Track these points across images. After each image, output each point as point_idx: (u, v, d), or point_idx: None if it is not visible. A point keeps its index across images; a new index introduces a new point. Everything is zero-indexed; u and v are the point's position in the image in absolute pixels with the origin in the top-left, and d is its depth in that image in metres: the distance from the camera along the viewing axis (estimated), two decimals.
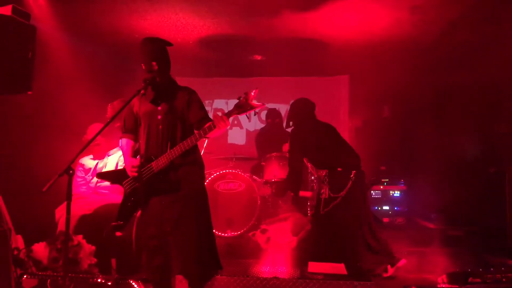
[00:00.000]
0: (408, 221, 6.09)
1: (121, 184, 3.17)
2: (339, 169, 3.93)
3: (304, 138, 4.24)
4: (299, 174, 4.32)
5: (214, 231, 3.34)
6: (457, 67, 6.17)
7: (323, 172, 4.10)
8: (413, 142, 6.61)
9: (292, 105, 4.62)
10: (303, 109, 4.50)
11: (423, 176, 5.99)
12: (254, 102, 2.79)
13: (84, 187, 4.55)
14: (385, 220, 6.20)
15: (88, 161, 4.65)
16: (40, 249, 3.62)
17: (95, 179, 4.48)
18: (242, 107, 2.79)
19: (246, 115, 2.83)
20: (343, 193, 3.87)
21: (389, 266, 3.83)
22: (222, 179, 5.51)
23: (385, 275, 3.83)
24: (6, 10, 3.37)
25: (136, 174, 3.02)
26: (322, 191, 3.99)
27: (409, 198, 6.32)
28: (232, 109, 2.83)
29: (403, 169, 6.50)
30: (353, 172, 3.92)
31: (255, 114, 2.83)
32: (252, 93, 2.79)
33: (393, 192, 6.38)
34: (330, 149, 4.13)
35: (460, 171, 5.77)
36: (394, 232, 5.49)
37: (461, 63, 6.08)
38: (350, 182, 3.88)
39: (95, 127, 4.52)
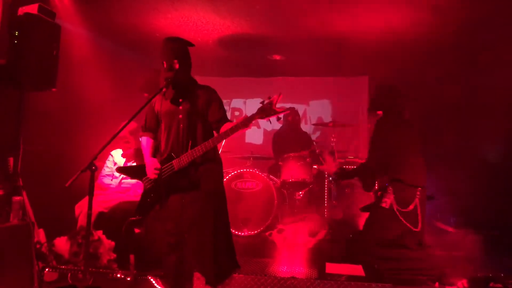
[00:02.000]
0: (427, 224, 5.98)
1: (140, 179, 3.21)
2: (403, 183, 3.65)
3: (391, 135, 3.80)
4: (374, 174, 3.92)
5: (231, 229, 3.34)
6: (479, 68, 6.04)
7: (385, 181, 3.79)
8: (433, 144, 6.50)
9: (383, 89, 3.99)
10: (398, 99, 3.92)
11: (443, 179, 5.88)
12: (278, 107, 2.78)
13: (110, 177, 4.64)
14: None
15: (118, 156, 4.73)
16: (62, 243, 3.69)
17: (118, 179, 4.56)
18: (265, 112, 2.78)
19: (269, 120, 2.82)
20: (410, 208, 3.63)
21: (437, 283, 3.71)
22: (239, 178, 5.52)
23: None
24: (33, 8, 3.44)
25: (156, 176, 3.06)
26: (384, 199, 3.70)
27: (428, 201, 6.21)
28: (256, 113, 2.82)
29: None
30: (419, 189, 3.68)
31: (278, 120, 2.82)
32: (277, 98, 2.78)
33: None
34: (405, 157, 3.76)
35: (482, 175, 5.64)
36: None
37: (483, 64, 5.96)
38: (417, 200, 3.65)
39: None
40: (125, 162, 4.65)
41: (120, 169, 3.50)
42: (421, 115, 6.96)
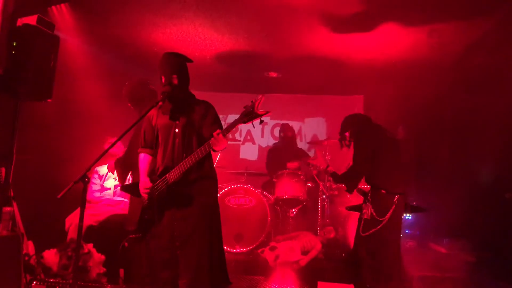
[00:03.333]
0: (419, 245, 5.97)
1: (140, 197, 3.19)
2: (383, 191, 3.71)
3: (369, 146, 3.94)
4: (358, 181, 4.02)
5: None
6: (475, 90, 6.12)
7: (366, 189, 3.91)
8: (427, 164, 6.53)
9: (347, 118, 4.20)
10: (361, 120, 4.15)
11: (436, 199, 5.89)
12: (260, 110, 2.78)
13: (99, 193, 4.62)
14: None
15: (103, 169, 4.73)
16: (51, 256, 3.63)
17: (111, 190, 4.54)
18: (248, 116, 2.80)
19: (252, 124, 2.82)
20: (387, 216, 3.64)
21: None
22: (233, 194, 5.50)
23: None
24: (32, 20, 3.45)
25: (146, 196, 3.06)
26: (364, 210, 3.78)
27: (422, 221, 6.21)
28: (238, 117, 2.84)
29: (416, 192, 6.41)
30: (397, 196, 3.71)
31: (260, 123, 2.82)
32: (259, 101, 2.78)
33: (404, 215, 6.28)
34: (383, 165, 3.86)
35: (475, 196, 5.65)
36: (405, 256, 5.38)
37: (479, 86, 6.04)
38: (394, 206, 3.67)
39: (109, 139, 4.63)
40: (107, 174, 4.65)
41: (123, 188, 3.49)
42: (415, 134, 7.02)
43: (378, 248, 3.70)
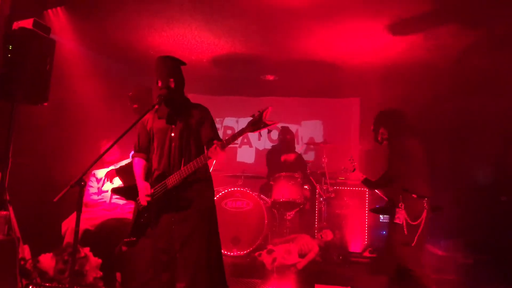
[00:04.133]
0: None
1: (134, 200, 3.18)
2: (414, 195, 3.65)
3: (405, 147, 3.84)
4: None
5: None
6: (472, 93, 6.15)
7: (398, 195, 3.77)
8: None
9: (384, 113, 4.10)
10: (399, 117, 4.04)
11: (433, 202, 5.91)
12: (268, 120, 2.78)
13: (96, 196, 4.60)
14: None
15: (101, 172, 4.70)
16: (47, 260, 3.61)
17: (109, 193, 4.52)
18: (256, 125, 2.78)
19: (260, 133, 2.83)
20: (421, 222, 3.61)
21: None
22: (230, 197, 5.50)
23: None
24: (28, 23, 3.45)
25: (146, 204, 3.04)
26: (397, 215, 3.69)
27: (436, 212, 6.20)
28: (246, 126, 2.82)
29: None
30: (425, 200, 3.67)
31: (268, 132, 2.83)
32: (267, 111, 2.78)
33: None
34: (416, 168, 3.79)
35: (473, 198, 5.67)
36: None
37: (476, 89, 6.07)
38: (425, 212, 3.64)
39: (105, 143, 4.61)
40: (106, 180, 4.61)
41: (114, 191, 3.47)
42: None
43: (418, 255, 3.65)
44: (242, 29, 5.21)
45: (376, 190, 4.32)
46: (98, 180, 4.68)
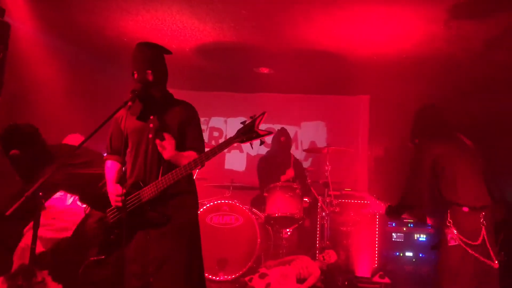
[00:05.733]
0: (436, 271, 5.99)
1: (103, 211, 3.14)
2: (464, 208, 3.49)
3: (425, 160, 3.69)
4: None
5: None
6: (496, 90, 6.20)
7: (446, 210, 3.60)
8: None
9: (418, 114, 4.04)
10: (435, 118, 3.94)
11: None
12: (261, 129, 2.73)
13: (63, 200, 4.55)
14: (408, 268, 6.11)
15: None
16: None
17: (69, 201, 4.48)
18: (247, 134, 2.74)
19: (250, 144, 2.79)
20: (478, 241, 3.41)
21: None
22: (216, 211, 5.49)
23: None
24: None
25: (120, 204, 3.00)
26: (449, 236, 3.51)
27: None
28: (234, 135, 2.79)
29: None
30: (482, 213, 3.49)
31: (261, 144, 2.79)
32: (260, 118, 2.74)
33: (418, 236, 6.32)
34: (456, 176, 3.61)
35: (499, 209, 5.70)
36: (419, 285, 5.40)
37: (501, 86, 6.12)
38: (483, 228, 3.45)
39: (73, 138, 4.57)
40: None
41: (82, 198, 3.43)
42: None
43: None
44: (231, 13, 5.20)
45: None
46: None
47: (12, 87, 3.86)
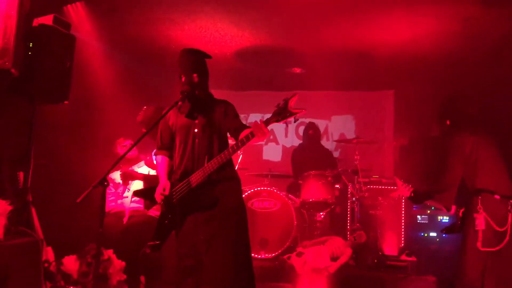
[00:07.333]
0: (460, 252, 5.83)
1: (157, 202, 3.20)
2: (496, 196, 3.35)
3: (465, 146, 3.53)
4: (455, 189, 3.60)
5: None
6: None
7: (476, 197, 3.47)
8: None
9: (450, 100, 3.89)
10: (463, 106, 3.80)
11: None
12: (294, 108, 2.72)
13: (113, 203, 4.67)
14: (432, 247, 5.98)
15: (118, 175, 4.77)
16: (71, 263, 3.70)
17: (129, 198, 4.59)
18: (281, 114, 2.73)
19: (286, 122, 2.78)
20: (506, 228, 3.30)
21: None
22: (256, 197, 5.51)
23: None
24: (48, 19, 3.53)
25: (160, 201, 3.08)
26: (477, 221, 3.40)
27: None
28: (271, 116, 2.78)
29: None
30: (510, 202, 3.36)
31: (295, 121, 2.76)
32: (293, 99, 2.74)
33: (441, 217, 6.17)
34: (489, 165, 3.50)
35: None
36: (443, 262, 5.27)
37: None
38: (510, 216, 3.33)
39: (121, 142, 4.70)
40: (124, 182, 4.67)
41: (136, 193, 3.52)
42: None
43: (502, 266, 3.36)
44: (266, 20, 5.21)
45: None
46: (115, 185, 4.73)
47: (77, 92, 3.97)
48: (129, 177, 4.56)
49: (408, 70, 6.39)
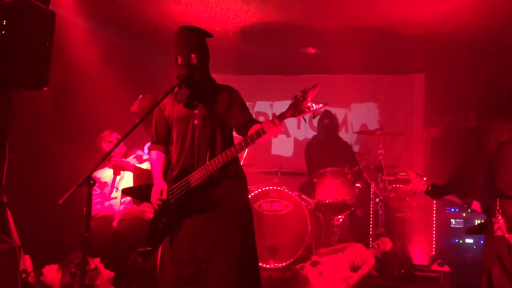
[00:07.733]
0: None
1: (150, 201, 3.20)
2: None
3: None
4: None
5: None
6: None
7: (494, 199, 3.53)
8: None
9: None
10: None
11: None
12: (314, 102, 2.71)
13: (99, 205, 4.69)
14: (468, 256, 5.98)
15: (105, 174, 4.79)
16: (52, 273, 3.74)
17: (118, 199, 4.61)
18: (298, 108, 2.73)
19: (303, 118, 2.78)
20: None
21: None
22: (264, 198, 5.52)
23: None
24: None
25: (157, 207, 3.09)
26: (496, 226, 3.46)
27: None
28: (286, 110, 2.78)
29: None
30: None
31: (314, 117, 2.77)
32: (313, 91, 2.72)
33: (479, 221, 6.15)
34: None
35: None
36: (481, 273, 5.26)
37: None
38: None
39: (107, 136, 4.76)
40: (115, 177, 4.70)
41: (125, 191, 3.52)
42: (489, 123, 6.82)
43: None
44: None
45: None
46: (100, 184, 4.76)
47: (58, 77, 3.97)
48: (119, 167, 4.59)
49: (442, 50, 6.37)
